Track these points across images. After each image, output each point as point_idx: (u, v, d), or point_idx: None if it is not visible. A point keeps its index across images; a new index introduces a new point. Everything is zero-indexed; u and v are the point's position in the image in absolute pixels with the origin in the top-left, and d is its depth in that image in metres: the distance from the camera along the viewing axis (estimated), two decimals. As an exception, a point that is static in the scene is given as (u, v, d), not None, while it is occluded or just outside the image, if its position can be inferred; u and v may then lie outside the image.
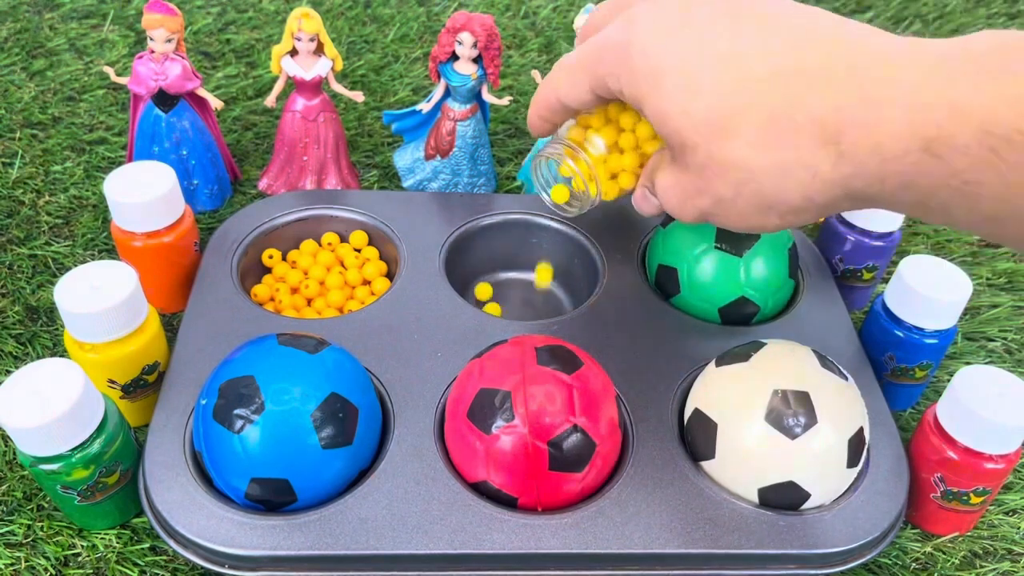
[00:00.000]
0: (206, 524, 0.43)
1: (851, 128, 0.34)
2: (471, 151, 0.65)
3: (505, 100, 0.65)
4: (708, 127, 0.37)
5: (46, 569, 0.45)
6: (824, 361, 0.47)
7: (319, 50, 0.62)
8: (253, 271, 0.60)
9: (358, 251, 0.63)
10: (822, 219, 0.62)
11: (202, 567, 0.43)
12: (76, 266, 0.48)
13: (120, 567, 0.46)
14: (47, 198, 0.66)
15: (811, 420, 0.44)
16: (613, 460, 0.47)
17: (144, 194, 0.53)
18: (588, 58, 0.41)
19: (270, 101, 0.64)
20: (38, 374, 0.42)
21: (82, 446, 0.42)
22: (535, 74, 0.67)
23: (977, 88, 0.31)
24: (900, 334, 0.53)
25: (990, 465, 0.46)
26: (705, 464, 0.47)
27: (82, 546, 0.46)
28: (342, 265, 0.62)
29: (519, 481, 0.44)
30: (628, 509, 0.45)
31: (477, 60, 0.61)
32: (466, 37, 0.59)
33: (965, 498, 0.47)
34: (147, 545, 0.46)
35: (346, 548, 0.42)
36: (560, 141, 0.47)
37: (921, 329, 0.53)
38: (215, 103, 0.63)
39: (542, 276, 0.64)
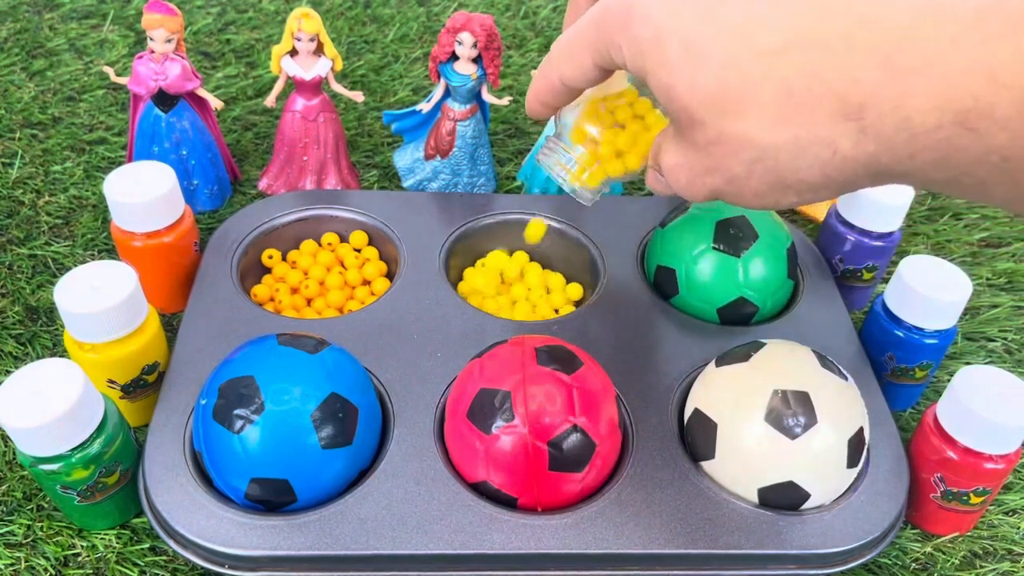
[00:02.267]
0: (206, 524, 0.43)
1: (874, 101, 0.30)
2: (471, 151, 0.65)
3: (505, 100, 0.65)
4: (717, 101, 0.34)
5: (46, 569, 0.45)
6: (824, 361, 0.47)
7: (319, 50, 0.62)
8: (253, 271, 0.60)
9: (358, 251, 0.63)
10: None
11: (202, 567, 0.43)
12: (76, 266, 0.48)
13: (120, 567, 0.46)
14: (47, 198, 0.66)
15: (811, 420, 0.44)
16: (613, 460, 0.47)
17: (144, 194, 0.53)
18: (589, 30, 0.38)
19: (270, 101, 0.64)
20: (38, 374, 0.42)
21: (82, 446, 0.42)
22: (535, 74, 0.67)
23: (1015, 52, 0.27)
24: (900, 334, 0.53)
25: (990, 465, 0.46)
26: (705, 464, 0.47)
27: (82, 546, 0.46)
28: (342, 265, 0.62)
29: (519, 481, 0.44)
30: (628, 509, 0.45)
31: (477, 60, 0.61)
32: (466, 37, 0.59)
33: (965, 498, 0.47)
34: (147, 545, 0.46)
35: (346, 548, 0.42)
36: (555, 141, 0.47)
37: (921, 329, 0.53)
38: (215, 103, 0.63)
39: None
